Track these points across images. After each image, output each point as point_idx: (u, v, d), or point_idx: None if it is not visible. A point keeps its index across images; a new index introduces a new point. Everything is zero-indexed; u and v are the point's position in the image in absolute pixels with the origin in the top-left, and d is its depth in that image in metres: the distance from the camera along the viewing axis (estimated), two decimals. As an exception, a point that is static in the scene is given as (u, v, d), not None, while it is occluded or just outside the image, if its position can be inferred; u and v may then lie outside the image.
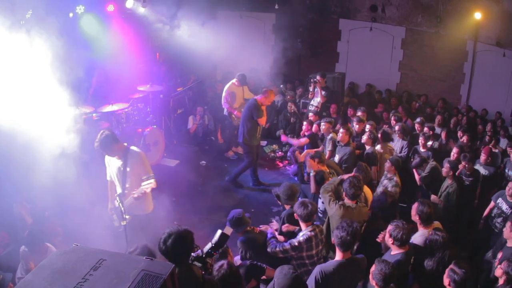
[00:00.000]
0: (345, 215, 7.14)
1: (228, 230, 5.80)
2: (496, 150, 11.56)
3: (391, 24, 17.57)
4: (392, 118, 12.71)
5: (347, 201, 7.54)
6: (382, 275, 5.36)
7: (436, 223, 7.14)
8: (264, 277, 6.46)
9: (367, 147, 10.73)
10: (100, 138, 7.39)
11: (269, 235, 7.09)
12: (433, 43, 16.60)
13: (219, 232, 5.65)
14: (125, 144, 7.73)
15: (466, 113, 15.23)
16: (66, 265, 3.50)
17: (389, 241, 6.39)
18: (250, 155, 11.96)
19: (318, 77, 14.43)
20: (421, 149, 11.20)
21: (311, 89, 14.67)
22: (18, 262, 7.02)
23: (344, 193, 7.59)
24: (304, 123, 13.05)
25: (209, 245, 5.55)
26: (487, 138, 12.32)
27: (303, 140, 12.18)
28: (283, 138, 13.05)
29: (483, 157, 10.48)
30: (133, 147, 7.69)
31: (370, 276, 5.55)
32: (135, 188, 7.41)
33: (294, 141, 12.53)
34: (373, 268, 5.54)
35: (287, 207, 7.91)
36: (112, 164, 7.79)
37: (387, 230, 6.45)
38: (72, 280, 3.30)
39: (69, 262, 3.54)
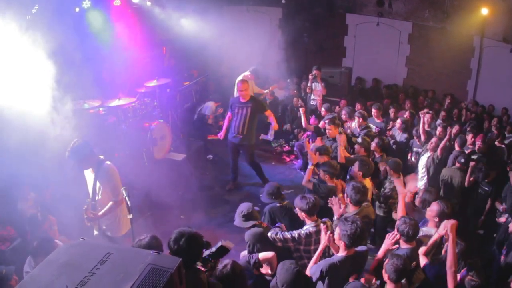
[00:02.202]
0: None
1: (229, 245, 5.70)
2: (503, 146, 11.51)
3: (398, 19, 17.54)
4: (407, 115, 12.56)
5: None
6: (395, 268, 5.35)
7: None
8: (263, 263, 6.48)
9: (376, 155, 10.37)
10: (71, 147, 7.04)
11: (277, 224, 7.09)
12: (440, 38, 16.54)
13: (218, 244, 5.57)
14: (101, 156, 7.41)
15: (472, 108, 15.19)
16: (72, 259, 3.51)
17: (396, 235, 6.40)
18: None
19: (314, 71, 14.44)
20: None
21: (309, 84, 14.68)
22: (25, 255, 7.02)
23: (349, 199, 7.48)
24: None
25: (207, 252, 5.48)
26: (495, 132, 12.27)
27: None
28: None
29: (478, 145, 10.34)
30: (107, 162, 7.28)
31: (383, 270, 5.55)
32: (104, 204, 7.25)
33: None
34: (386, 262, 5.53)
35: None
36: (87, 174, 7.55)
37: (396, 224, 6.45)
38: (79, 274, 3.31)
39: (75, 256, 3.55)
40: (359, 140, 10.33)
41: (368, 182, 8.55)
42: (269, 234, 6.74)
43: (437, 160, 10.16)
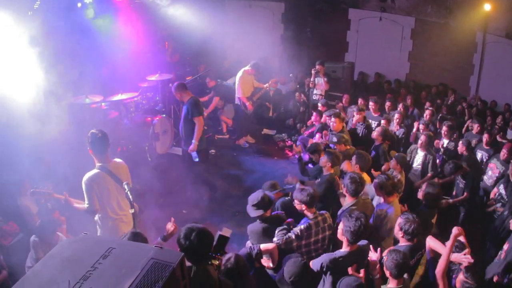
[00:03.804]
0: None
1: (227, 232, 5.67)
2: (505, 141, 11.49)
3: (400, 14, 17.51)
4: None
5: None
6: (395, 264, 5.35)
7: None
8: (264, 254, 6.49)
9: (376, 143, 10.46)
10: (92, 133, 6.86)
11: (283, 225, 6.96)
12: (442, 34, 16.53)
13: (217, 234, 5.53)
14: (115, 160, 7.25)
15: (475, 104, 15.19)
16: (75, 254, 3.51)
17: (399, 234, 6.38)
18: None
19: (317, 66, 14.42)
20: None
21: (311, 78, 14.66)
22: (28, 251, 7.05)
23: (345, 189, 7.49)
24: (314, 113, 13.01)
25: None
26: (496, 128, 12.28)
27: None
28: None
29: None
30: (94, 170, 6.93)
31: (384, 267, 5.54)
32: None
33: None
34: (385, 259, 5.53)
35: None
36: None
37: (397, 222, 6.44)
38: (81, 268, 3.31)
39: (78, 250, 3.55)
40: (334, 139, 10.21)
41: (366, 176, 8.58)
42: (274, 240, 6.67)
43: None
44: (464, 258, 5.78)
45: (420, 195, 7.77)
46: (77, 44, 10.27)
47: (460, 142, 10.26)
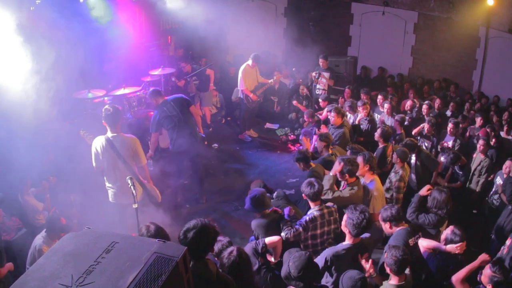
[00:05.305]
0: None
1: None
2: (510, 137, 11.47)
3: (403, 9, 17.45)
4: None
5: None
6: (394, 261, 5.32)
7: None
8: (269, 248, 6.51)
9: (380, 145, 10.27)
10: (103, 109, 7.42)
11: (285, 216, 7.04)
12: (445, 28, 16.47)
13: None
14: (125, 134, 7.64)
15: (478, 99, 15.16)
16: (78, 248, 3.52)
17: (385, 226, 6.43)
18: None
19: (320, 59, 14.39)
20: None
21: (313, 73, 14.62)
22: (30, 245, 7.04)
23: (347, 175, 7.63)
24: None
25: None
26: (495, 121, 12.30)
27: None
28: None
29: (480, 146, 9.92)
30: (102, 136, 7.50)
31: (384, 264, 5.53)
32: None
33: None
34: (385, 255, 5.50)
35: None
36: None
37: (380, 214, 6.57)
38: (84, 263, 3.32)
39: (81, 245, 3.56)
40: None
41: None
42: (282, 235, 6.70)
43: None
44: (456, 248, 5.95)
45: (429, 200, 7.67)
46: (79, 39, 10.25)
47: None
